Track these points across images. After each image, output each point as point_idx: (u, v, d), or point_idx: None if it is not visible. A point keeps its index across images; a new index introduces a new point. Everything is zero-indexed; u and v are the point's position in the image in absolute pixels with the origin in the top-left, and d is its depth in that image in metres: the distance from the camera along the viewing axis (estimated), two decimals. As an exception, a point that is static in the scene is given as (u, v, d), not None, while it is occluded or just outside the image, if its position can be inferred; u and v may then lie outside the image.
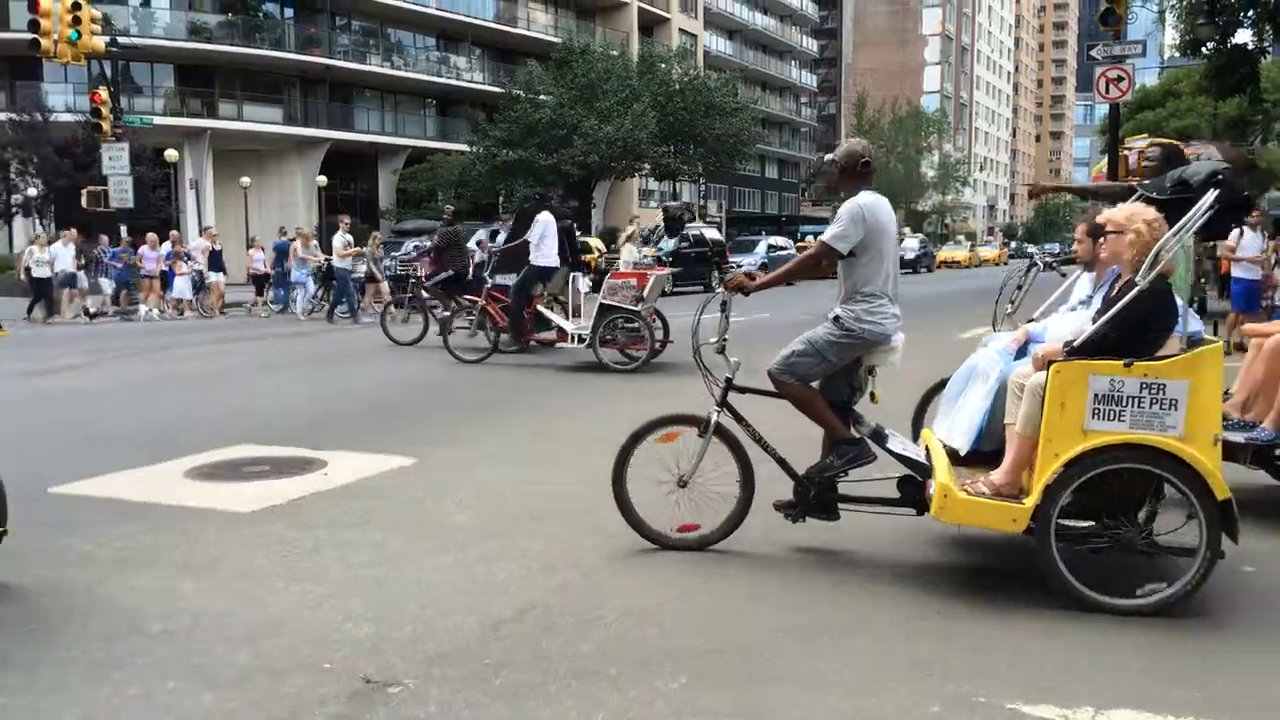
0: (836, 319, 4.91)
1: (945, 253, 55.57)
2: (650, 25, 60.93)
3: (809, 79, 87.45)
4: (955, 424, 4.84)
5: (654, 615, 4.19)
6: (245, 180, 37.53)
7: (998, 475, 4.41)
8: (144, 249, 22.99)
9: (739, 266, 29.09)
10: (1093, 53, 17.60)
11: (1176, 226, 4.20)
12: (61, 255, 21.71)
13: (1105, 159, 18.79)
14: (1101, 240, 4.54)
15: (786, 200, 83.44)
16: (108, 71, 25.79)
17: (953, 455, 4.71)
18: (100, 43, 22.68)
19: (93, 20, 22.06)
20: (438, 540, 5.24)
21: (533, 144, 40.39)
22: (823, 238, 4.91)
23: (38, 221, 33.26)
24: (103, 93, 24.73)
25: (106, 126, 24.58)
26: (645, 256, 14.32)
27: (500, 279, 13.31)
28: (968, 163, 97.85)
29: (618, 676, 3.61)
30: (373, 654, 3.80)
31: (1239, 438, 5.43)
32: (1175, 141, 7.01)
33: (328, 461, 6.98)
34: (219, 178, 40.21)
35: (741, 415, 5.04)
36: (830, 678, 3.60)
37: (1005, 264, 68.15)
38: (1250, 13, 23.13)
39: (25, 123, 32.18)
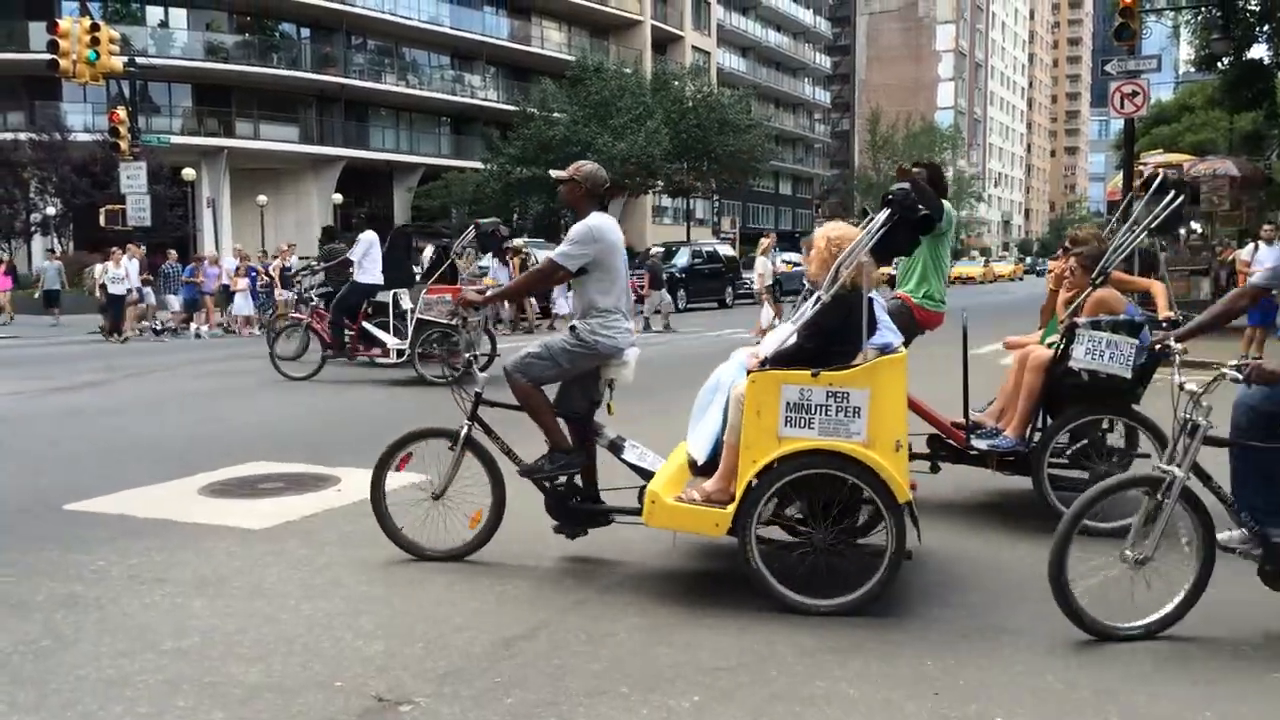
0: (573, 329, 5.16)
1: (959, 268, 55.48)
2: (664, 43, 61.18)
3: (822, 95, 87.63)
4: (696, 435, 4.91)
5: (666, 633, 4.17)
6: (262, 198, 37.79)
7: (710, 483, 4.57)
8: (205, 265, 23.10)
9: (750, 282, 29.04)
10: (1107, 68, 17.56)
11: (853, 244, 4.42)
12: (130, 271, 21.69)
13: (1120, 174, 18.73)
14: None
15: (800, 216, 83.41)
16: (126, 91, 26.02)
17: (695, 465, 4.84)
18: (118, 63, 22.90)
19: (111, 41, 22.27)
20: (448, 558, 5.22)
21: (546, 161, 40.50)
22: (551, 255, 5.18)
23: (56, 239, 33.55)
24: (121, 112, 24.94)
25: (125, 145, 24.77)
26: (780, 269, 14.95)
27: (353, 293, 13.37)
28: (982, 178, 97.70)
29: (630, 694, 3.59)
30: (384, 672, 3.79)
31: (984, 445, 5.82)
32: (935, 162, 7.20)
33: (341, 478, 6.98)
34: (236, 196, 40.51)
35: (491, 428, 5.18)
36: (844, 696, 3.57)
37: (1021, 279, 68.09)
38: (1265, 28, 23.09)
39: (45, 142, 32.53)
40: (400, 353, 12.51)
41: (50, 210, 33.21)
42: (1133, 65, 17.17)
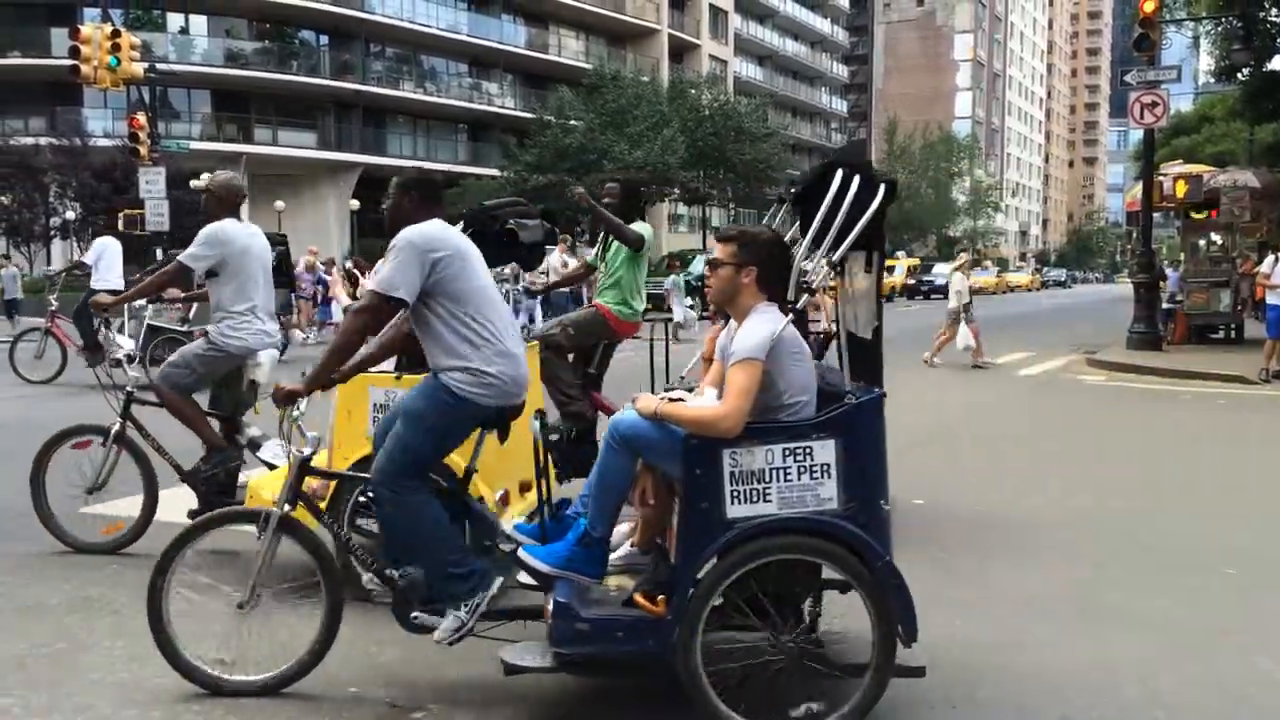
0: (205, 334, 5.43)
1: (973, 279, 55.49)
2: (681, 51, 61.26)
3: (839, 104, 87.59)
4: None
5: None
6: (279, 204, 37.97)
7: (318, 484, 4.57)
8: (300, 270, 22.16)
9: None
10: (1127, 78, 17.44)
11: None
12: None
13: (1140, 185, 18.62)
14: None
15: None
16: (146, 97, 26.17)
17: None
18: (139, 69, 23.00)
19: (132, 47, 22.38)
20: (464, 564, 5.21)
21: (563, 168, 40.59)
22: (180, 256, 5.44)
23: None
24: (141, 118, 25.07)
25: (144, 151, 24.89)
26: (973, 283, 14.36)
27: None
28: (999, 188, 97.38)
29: (643, 706, 3.58)
30: (397, 678, 3.79)
31: None
32: (634, 179, 7.26)
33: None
34: (254, 201, 40.60)
35: (143, 426, 5.41)
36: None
37: (1038, 290, 67.84)
38: (1286, 38, 22.92)
39: (65, 147, 32.73)
40: (130, 357, 12.53)
41: (70, 215, 33.43)
42: (1152, 75, 17.05)
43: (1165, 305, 18.55)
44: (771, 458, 3.24)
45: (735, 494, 3.23)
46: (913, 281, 49.08)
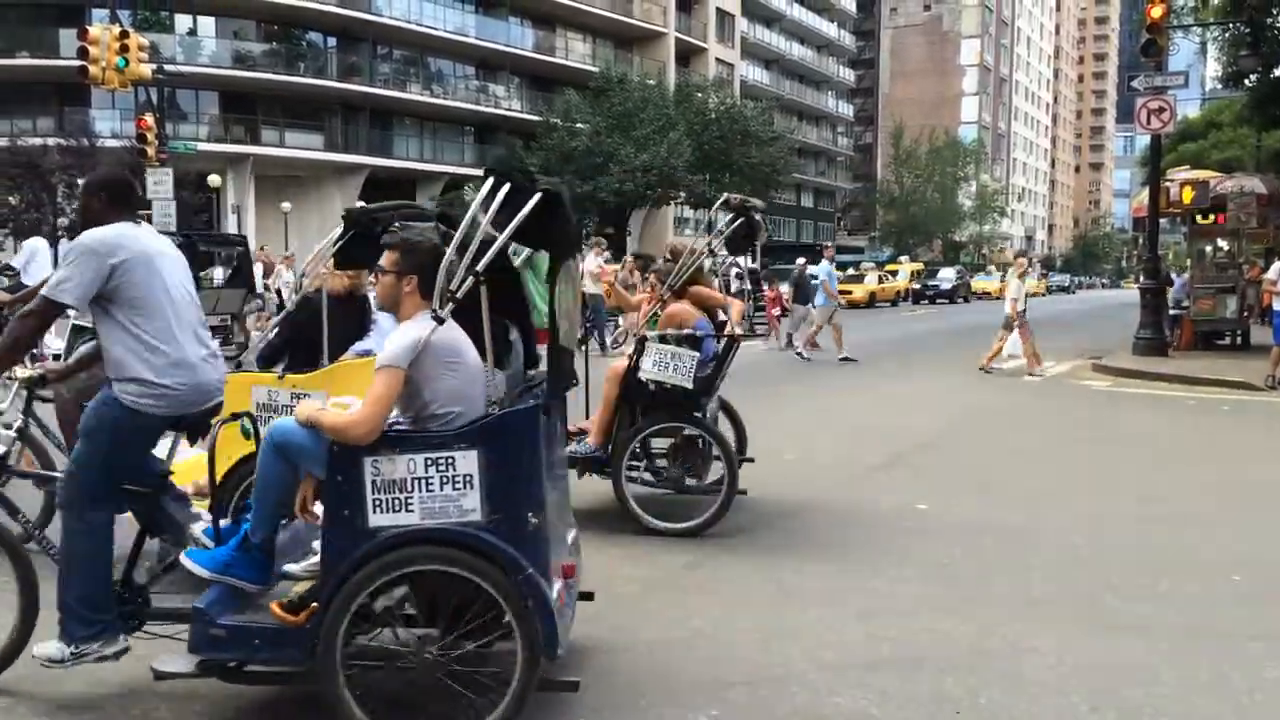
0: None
1: (976, 283, 55.38)
2: (687, 55, 61.26)
3: (846, 108, 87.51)
4: None
5: (685, 646, 4.16)
6: (286, 205, 38.05)
7: None
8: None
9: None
10: (1134, 83, 17.41)
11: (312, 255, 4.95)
12: (285, 276, 21.03)
13: (1146, 190, 18.59)
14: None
15: (822, 229, 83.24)
16: (154, 98, 26.24)
17: None
18: (147, 70, 23.05)
19: (140, 48, 22.43)
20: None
21: (569, 171, 40.63)
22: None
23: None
24: (149, 119, 25.13)
25: (152, 152, 24.95)
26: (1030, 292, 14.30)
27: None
28: (1005, 193, 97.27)
29: (647, 708, 3.58)
30: (402, 680, 3.78)
31: (569, 450, 5.97)
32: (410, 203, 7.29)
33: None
34: (260, 202, 40.79)
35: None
36: (865, 714, 3.54)
37: (1045, 294, 67.73)
38: (1294, 44, 22.87)
39: (73, 148, 32.81)
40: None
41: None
42: (1159, 81, 17.01)
43: (1172, 311, 18.52)
44: (414, 467, 3.21)
45: (378, 503, 3.21)
46: (918, 286, 49.07)
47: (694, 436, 6.06)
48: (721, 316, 6.48)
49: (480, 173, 3.73)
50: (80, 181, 6.93)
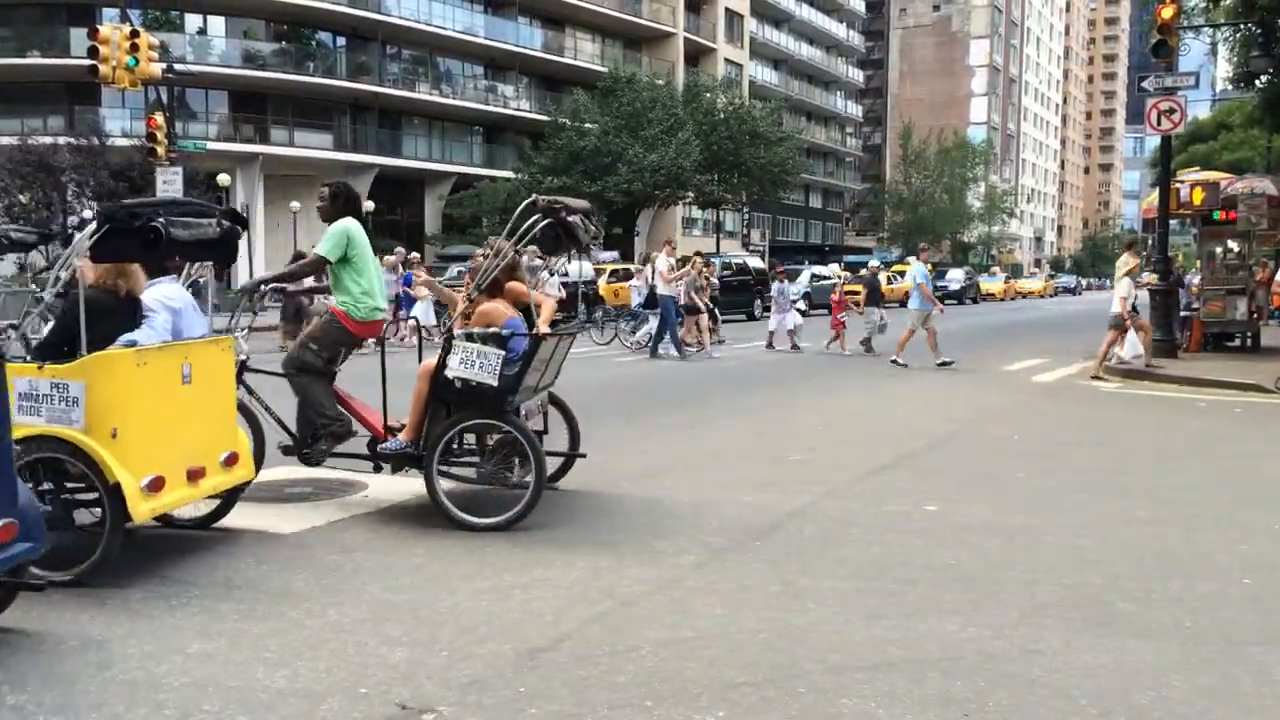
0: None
1: (982, 285, 55.34)
2: (696, 55, 61.28)
3: (854, 109, 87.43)
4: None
5: (691, 647, 4.15)
6: (295, 205, 38.12)
7: None
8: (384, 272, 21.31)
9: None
10: (1144, 84, 17.34)
11: (67, 252, 4.98)
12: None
13: (1156, 192, 18.53)
14: None
15: (830, 230, 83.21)
16: (164, 97, 26.33)
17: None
18: (157, 69, 23.12)
19: (150, 48, 22.50)
20: (474, 566, 5.23)
21: (577, 171, 40.67)
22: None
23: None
24: (159, 118, 25.21)
25: (161, 151, 25.03)
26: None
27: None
28: (1014, 194, 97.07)
29: (653, 708, 3.57)
30: (407, 679, 3.79)
31: (381, 447, 6.30)
32: (343, 181, 7.27)
33: (369, 484, 7.00)
34: (269, 201, 40.89)
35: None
36: (871, 716, 3.52)
37: (1051, 296, 67.58)
38: (1305, 45, 22.77)
39: (83, 147, 32.91)
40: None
41: (87, 214, 33.58)
42: (1170, 82, 16.94)
43: (1182, 313, 18.45)
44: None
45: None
46: None
47: (506, 433, 6.10)
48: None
49: (488, 173, 3.77)
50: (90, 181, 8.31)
